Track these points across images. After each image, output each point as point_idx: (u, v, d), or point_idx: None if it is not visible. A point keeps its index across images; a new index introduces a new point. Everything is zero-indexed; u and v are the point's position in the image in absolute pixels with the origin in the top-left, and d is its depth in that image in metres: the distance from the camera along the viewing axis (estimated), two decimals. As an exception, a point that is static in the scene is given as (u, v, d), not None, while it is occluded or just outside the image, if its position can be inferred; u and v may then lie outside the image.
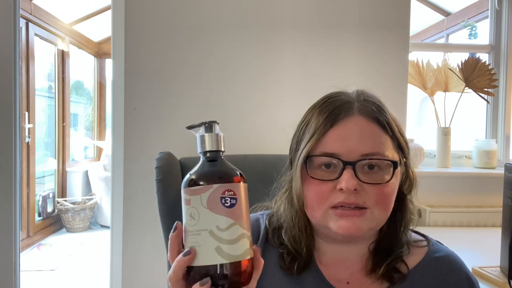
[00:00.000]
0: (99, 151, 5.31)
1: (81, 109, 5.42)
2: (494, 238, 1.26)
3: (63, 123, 4.53)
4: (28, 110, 3.73)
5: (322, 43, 1.69)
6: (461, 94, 1.93)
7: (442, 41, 3.18)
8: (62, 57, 4.51)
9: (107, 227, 4.29)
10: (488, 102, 2.02)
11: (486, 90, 1.93)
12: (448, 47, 2.38)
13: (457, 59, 1.92)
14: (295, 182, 0.70)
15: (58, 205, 4.28)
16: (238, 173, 0.53)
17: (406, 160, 0.72)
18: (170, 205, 1.12)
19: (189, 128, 0.56)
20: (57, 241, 4.00)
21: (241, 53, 1.66)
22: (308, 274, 0.71)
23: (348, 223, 0.65)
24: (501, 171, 1.18)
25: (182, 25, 1.64)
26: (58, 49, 4.42)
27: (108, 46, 5.16)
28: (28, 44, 3.73)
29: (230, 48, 1.66)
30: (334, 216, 0.66)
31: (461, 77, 1.89)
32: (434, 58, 1.96)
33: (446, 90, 1.96)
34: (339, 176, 0.65)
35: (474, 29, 2.81)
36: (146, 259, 1.63)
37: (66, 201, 4.36)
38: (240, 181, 0.52)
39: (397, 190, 0.69)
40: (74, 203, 4.35)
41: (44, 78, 4.41)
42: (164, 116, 1.64)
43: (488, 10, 2.18)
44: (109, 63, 5.31)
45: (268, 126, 1.67)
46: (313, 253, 0.73)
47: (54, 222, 4.32)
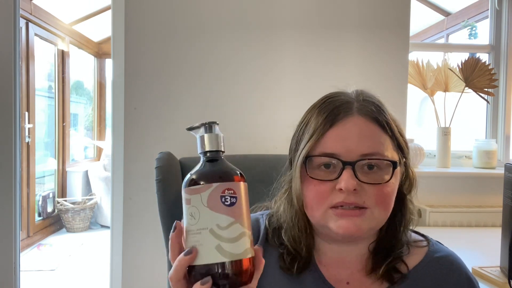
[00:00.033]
0: (99, 151, 5.31)
1: (81, 109, 5.42)
2: (494, 238, 1.26)
3: (63, 123, 4.53)
4: (28, 110, 3.73)
5: (322, 43, 1.69)
6: (461, 94, 1.93)
7: (442, 41, 3.18)
8: (62, 57, 4.51)
9: (107, 227, 4.29)
10: (488, 102, 2.02)
11: (486, 90, 1.93)
12: (448, 47, 2.38)
13: (457, 59, 1.92)
14: (295, 182, 0.70)
15: (58, 205, 4.28)
16: (238, 173, 0.53)
17: (405, 160, 0.72)
18: (170, 205, 1.12)
19: (189, 129, 0.57)
20: (57, 241, 4.00)
21: (241, 53, 1.66)
22: (308, 274, 0.71)
23: (348, 223, 0.65)
24: (501, 171, 1.18)
25: (182, 25, 1.64)
26: (58, 49, 4.42)
27: (108, 46, 5.17)
28: (28, 44, 3.73)
29: (230, 48, 1.66)
30: (334, 216, 0.66)
31: (461, 77, 1.89)
32: (434, 58, 1.96)
33: (446, 90, 1.96)
34: (339, 176, 0.65)
35: (474, 29, 2.81)
36: (146, 259, 1.63)
37: (66, 201, 4.36)
38: (240, 180, 0.53)
39: (397, 190, 0.69)
40: (74, 203, 4.35)
41: (44, 78, 4.41)
42: (164, 116, 1.64)
43: (488, 10, 2.19)
44: (109, 63, 5.31)
45: (268, 126, 1.67)
46: (313, 253, 0.73)
47: (54, 222, 4.32)
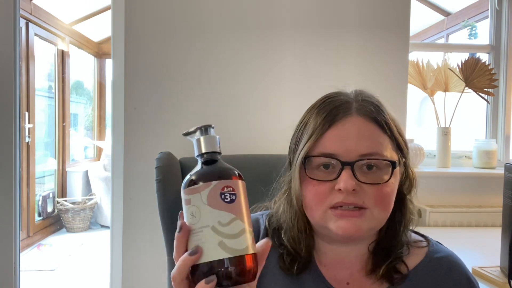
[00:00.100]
0: (99, 151, 5.31)
1: (81, 109, 5.42)
2: (494, 238, 1.26)
3: (63, 123, 4.54)
4: (28, 110, 3.73)
5: (322, 43, 1.69)
6: (461, 94, 1.93)
7: (442, 41, 3.18)
8: (62, 57, 4.51)
9: (107, 227, 4.29)
10: (488, 102, 2.02)
11: (486, 90, 1.93)
12: (448, 47, 2.38)
13: (457, 59, 1.92)
14: (294, 182, 0.70)
15: (58, 205, 4.28)
16: (236, 172, 0.54)
17: (405, 160, 0.72)
18: (170, 205, 1.12)
19: (185, 134, 0.57)
20: (57, 241, 4.00)
21: (241, 53, 1.66)
22: (308, 274, 0.71)
23: (347, 224, 0.65)
24: (501, 171, 1.18)
25: (182, 25, 1.64)
26: (58, 49, 4.42)
27: (108, 46, 5.16)
28: (28, 44, 3.73)
29: (230, 48, 1.66)
30: (333, 216, 0.66)
31: (461, 77, 1.88)
32: (434, 58, 1.96)
33: (446, 90, 1.96)
34: (338, 176, 0.65)
35: (474, 29, 2.81)
36: (146, 259, 1.63)
37: (66, 201, 4.36)
38: (238, 179, 0.53)
39: (396, 190, 0.69)
40: (74, 203, 4.35)
41: (44, 78, 4.41)
42: (164, 116, 1.64)
43: (488, 10, 2.18)
44: (109, 63, 5.31)
45: (268, 126, 1.67)
46: (313, 253, 0.73)
47: (54, 222, 4.32)
